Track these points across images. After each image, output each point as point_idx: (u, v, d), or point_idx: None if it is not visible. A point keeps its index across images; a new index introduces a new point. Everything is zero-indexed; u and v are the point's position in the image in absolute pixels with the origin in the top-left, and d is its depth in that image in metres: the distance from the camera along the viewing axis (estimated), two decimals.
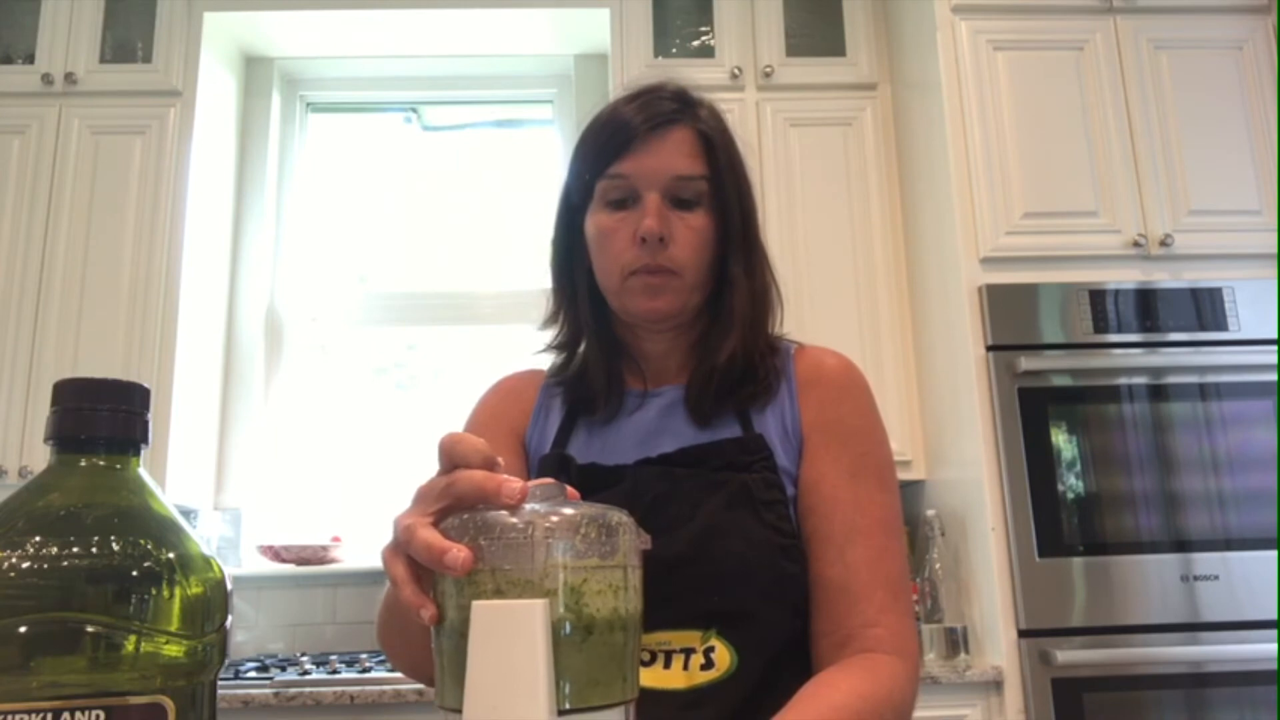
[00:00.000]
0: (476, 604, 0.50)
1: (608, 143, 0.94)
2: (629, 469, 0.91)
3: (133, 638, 0.42)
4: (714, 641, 0.84)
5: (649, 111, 0.93)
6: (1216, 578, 2.11)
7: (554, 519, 0.53)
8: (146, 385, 0.48)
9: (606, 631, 0.53)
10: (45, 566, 0.41)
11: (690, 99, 0.97)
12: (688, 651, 0.84)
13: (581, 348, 1.00)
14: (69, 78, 2.66)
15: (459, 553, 0.51)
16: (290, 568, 2.65)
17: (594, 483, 0.91)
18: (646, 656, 0.84)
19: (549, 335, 1.04)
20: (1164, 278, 2.33)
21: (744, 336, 0.95)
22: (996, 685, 2.10)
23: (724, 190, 0.94)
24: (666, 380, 0.99)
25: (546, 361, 1.06)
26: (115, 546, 0.43)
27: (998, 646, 2.11)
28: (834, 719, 0.75)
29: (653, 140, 0.92)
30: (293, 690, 2.01)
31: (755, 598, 0.85)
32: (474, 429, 1.01)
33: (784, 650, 0.87)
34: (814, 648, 0.88)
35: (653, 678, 0.84)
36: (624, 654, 0.54)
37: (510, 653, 0.49)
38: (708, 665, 0.84)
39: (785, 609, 0.87)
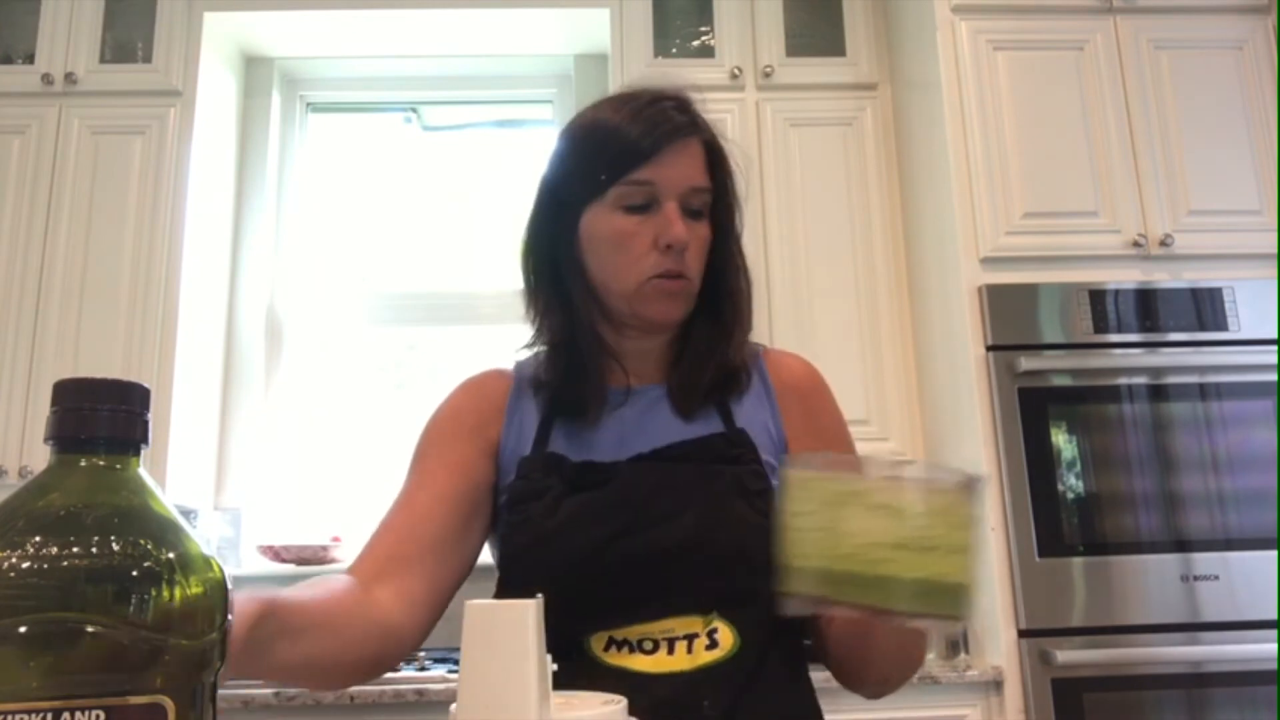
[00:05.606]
0: (469, 604, 0.51)
1: (629, 147, 0.94)
2: (622, 465, 0.93)
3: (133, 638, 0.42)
4: (716, 623, 0.87)
5: (667, 122, 0.95)
6: (1216, 578, 2.11)
7: None
8: (146, 385, 0.48)
9: None
10: (45, 566, 0.41)
11: (694, 110, 1.00)
12: (690, 637, 0.86)
13: (564, 347, 0.98)
14: (69, 78, 2.65)
15: None
16: (290, 568, 2.64)
17: (588, 480, 0.91)
18: (650, 645, 0.86)
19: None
20: (1164, 278, 2.33)
21: (743, 342, 1.00)
22: (996, 685, 2.10)
23: (725, 202, 0.99)
24: (647, 377, 1.01)
25: (509, 363, 1.06)
26: (115, 546, 0.43)
27: (998, 646, 2.11)
28: None
29: (674, 149, 0.94)
30: (293, 690, 2.01)
31: (756, 578, 0.85)
32: (443, 429, 1.03)
33: (778, 631, 0.89)
34: (827, 634, 0.92)
35: (655, 664, 0.85)
36: None
37: (502, 652, 0.49)
38: (712, 645, 0.86)
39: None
